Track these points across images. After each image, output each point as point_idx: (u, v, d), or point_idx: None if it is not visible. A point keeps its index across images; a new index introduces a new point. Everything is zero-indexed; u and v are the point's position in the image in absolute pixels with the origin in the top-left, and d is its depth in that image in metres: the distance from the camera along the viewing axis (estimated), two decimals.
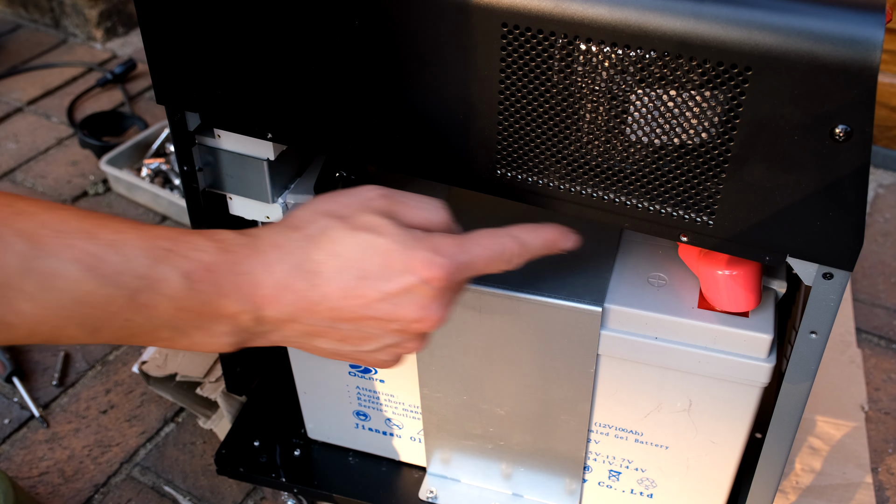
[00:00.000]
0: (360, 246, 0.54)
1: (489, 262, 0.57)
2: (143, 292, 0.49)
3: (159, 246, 0.51)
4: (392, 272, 0.53)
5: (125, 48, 1.84)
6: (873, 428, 1.03)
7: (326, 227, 0.54)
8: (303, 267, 0.53)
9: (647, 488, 0.81)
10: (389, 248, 0.54)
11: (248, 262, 0.53)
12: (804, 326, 0.61)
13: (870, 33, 0.48)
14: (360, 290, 0.53)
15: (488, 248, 0.57)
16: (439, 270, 0.54)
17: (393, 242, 0.54)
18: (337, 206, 0.56)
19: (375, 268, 0.53)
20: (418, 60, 0.59)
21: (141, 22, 0.66)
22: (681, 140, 0.56)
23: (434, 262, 0.54)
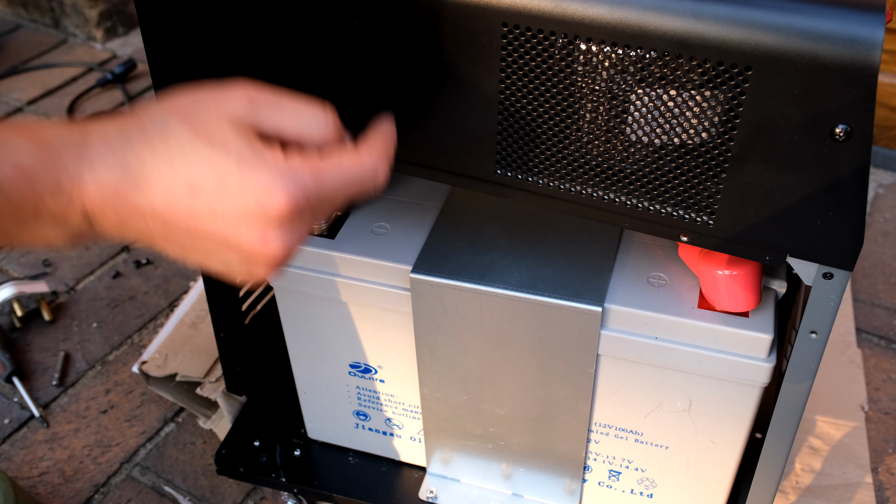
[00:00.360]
0: (197, 156, 0.48)
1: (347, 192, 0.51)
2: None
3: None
4: (226, 193, 0.48)
5: (125, 48, 1.84)
6: (873, 428, 1.03)
7: (167, 128, 0.49)
8: (130, 168, 0.48)
9: (647, 488, 0.81)
10: (227, 167, 0.48)
11: (71, 158, 0.48)
12: (804, 326, 0.61)
13: (870, 33, 0.48)
14: (189, 205, 0.48)
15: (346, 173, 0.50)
16: (281, 199, 0.47)
17: (232, 160, 0.48)
18: (192, 103, 0.50)
19: (209, 184, 0.48)
20: (418, 60, 0.59)
21: (141, 21, 0.66)
22: (681, 140, 0.56)
23: (275, 189, 0.47)
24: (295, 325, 0.82)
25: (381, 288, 0.74)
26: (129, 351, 1.15)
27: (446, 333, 0.75)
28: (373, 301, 0.75)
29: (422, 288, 0.72)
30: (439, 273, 0.71)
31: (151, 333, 1.17)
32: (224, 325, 0.87)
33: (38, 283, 1.20)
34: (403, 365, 0.80)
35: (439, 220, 0.76)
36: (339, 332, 0.80)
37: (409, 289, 0.73)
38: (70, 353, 1.15)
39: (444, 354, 0.76)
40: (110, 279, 1.26)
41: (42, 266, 1.29)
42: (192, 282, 1.24)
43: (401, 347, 0.78)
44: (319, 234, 0.75)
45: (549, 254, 0.72)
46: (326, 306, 0.78)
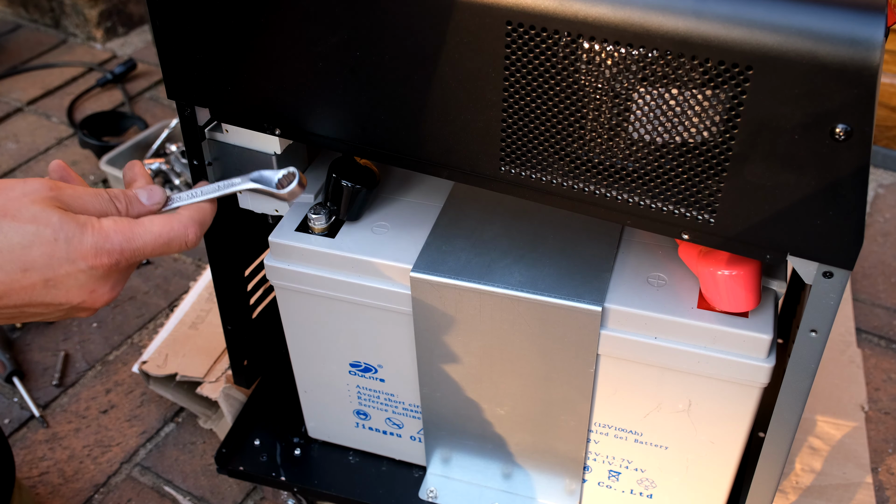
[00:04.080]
0: (26, 238, 0.55)
1: (159, 249, 0.60)
2: None
3: None
4: (57, 261, 0.55)
5: (125, 48, 1.84)
6: (873, 428, 1.03)
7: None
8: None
9: (646, 488, 0.81)
10: (56, 238, 0.55)
11: None
12: (804, 325, 0.61)
13: (870, 33, 0.49)
14: (23, 281, 0.55)
15: (158, 237, 0.59)
16: (105, 258, 0.56)
17: (58, 232, 0.55)
18: (3, 199, 0.56)
19: (40, 258, 0.55)
20: (423, 58, 0.60)
21: (152, 18, 0.67)
22: (682, 138, 0.56)
23: (101, 249, 0.56)
24: (295, 324, 0.82)
25: (381, 287, 0.74)
26: (129, 351, 1.15)
27: (446, 333, 0.75)
28: (373, 300, 0.75)
29: (422, 287, 0.72)
30: (439, 272, 0.71)
31: (151, 333, 1.17)
32: (232, 319, 0.87)
33: None
34: (403, 364, 0.80)
35: (439, 220, 0.76)
36: (339, 332, 0.80)
37: (409, 288, 0.73)
38: (70, 353, 1.15)
39: (444, 354, 0.76)
40: None
41: None
42: (191, 282, 1.24)
43: (401, 347, 0.79)
44: (320, 233, 0.75)
45: (549, 254, 0.72)
46: (327, 305, 0.78)
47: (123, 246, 0.57)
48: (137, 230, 0.58)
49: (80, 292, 0.57)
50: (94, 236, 0.56)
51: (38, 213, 0.56)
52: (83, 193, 0.59)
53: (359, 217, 0.77)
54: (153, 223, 0.59)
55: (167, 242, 0.60)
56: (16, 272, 0.55)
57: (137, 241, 0.58)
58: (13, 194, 0.56)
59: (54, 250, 0.55)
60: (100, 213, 0.59)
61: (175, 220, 0.60)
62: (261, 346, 0.95)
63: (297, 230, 0.76)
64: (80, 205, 0.58)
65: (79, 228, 0.56)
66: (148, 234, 0.59)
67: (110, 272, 0.58)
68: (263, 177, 0.65)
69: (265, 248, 0.83)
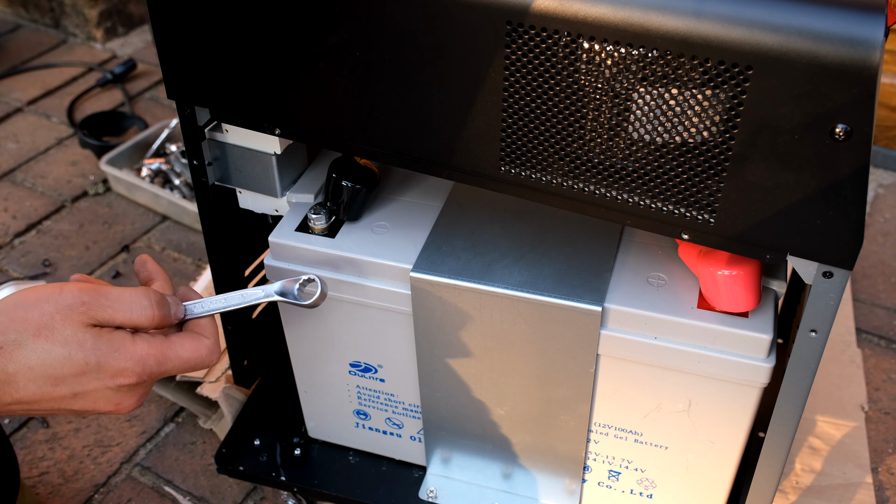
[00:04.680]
0: (57, 360, 0.58)
1: (183, 371, 0.63)
2: None
3: None
4: (87, 379, 0.59)
5: (125, 48, 1.84)
6: (873, 428, 1.03)
7: (21, 341, 0.58)
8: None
9: (646, 488, 0.81)
10: (87, 361, 0.58)
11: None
12: (804, 325, 0.61)
13: (870, 33, 0.49)
14: (53, 392, 0.59)
15: (186, 362, 0.62)
16: (134, 378, 0.60)
17: (91, 356, 0.58)
18: (37, 314, 0.58)
19: (70, 376, 0.59)
20: (424, 58, 0.60)
21: (152, 17, 0.67)
22: (682, 138, 0.56)
23: (129, 371, 0.59)
24: (295, 325, 0.82)
25: (381, 287, 0.74)
26: None
27: (446, 333, 0.75)
28: (373, 300, 0.75)
29: (422, 287, 0.72)
30: (439, 272, 0.71)
31: None
32: (232, 319, 0.87)
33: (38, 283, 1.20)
34: (403, 364, 0.80)
35: (439, 220, 0.76)
36: (339, 332, 0.80)
37: (409, 288, 0.73)
38: None
39: (444, 354, 0.76)
40: (110, 279, 1.26)
41: (42, 266, 1.29)
42: (191, 282, 1.24)
43: (401, 347, 0.79)
44: (320, 233, 0.75)
45: (549, 254, 0.72)
46: (327, 305, 0.78)
47: (153, 369, 0.61)
48: (169, 354, 0.61)
49: (106, 404, 0.61)
50: (128, 360, 0.59)
51: (70, 336, 0.58)
52: (114, 303, 0.60)
53: (359, 217, 0.77)
54: (184, 348, 0.62)
55: (192, 367, 0.63)
56: (47, 385, 0.58)
57: (167, 365, 0.61)
58: (47, 309, 0.59)
59: (85, 371, 0.59)
60: (127, 322, 0.60)
61: (202, 346, 0.63)
62: (261, 346, 0.95)
63: (297, 230, 0.76)
64: (110, 317, 0.60)
65: (112, 351, 0.59)
66: (178, 359, 0.62)
67: (137, 387, 0.61)
68: (286, 289, 0.68)
69: (265, 248, 0.83)
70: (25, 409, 0.60)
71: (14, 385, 0.58)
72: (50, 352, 0.58)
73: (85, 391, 0.59)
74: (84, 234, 1.35)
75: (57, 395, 0.59)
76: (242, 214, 0.82)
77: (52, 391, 0.59)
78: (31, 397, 0.59)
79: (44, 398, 0.59)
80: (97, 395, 0.60)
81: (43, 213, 1.39)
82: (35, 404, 0.59)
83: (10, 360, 0.58)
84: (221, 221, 0.81)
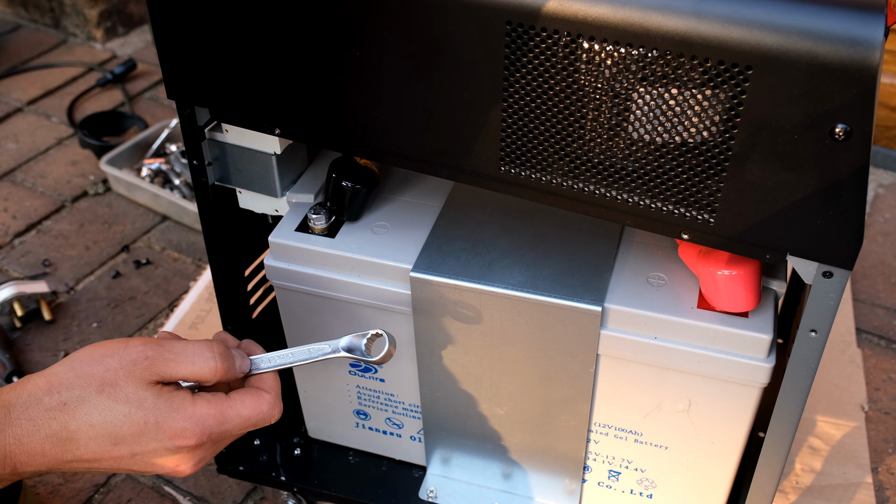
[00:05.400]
0: (118, 418, 0.58)
1: (245, 430, 0.62)
2: None
3: None
4: (146, 439, 0.59)
5: (125, 48, 1.84)
6: (873, 428, 1.03)
7: (85, 396, 0.58)
8: (57, 436, 0.58)
9: (646, 488, 0.81)
10: (146, 421, 0.58)
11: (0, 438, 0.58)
12: (804, 325, 0.61)
13: (870, 33, 0.49)
14: (113, 452, 0.59)
15: (247, 420, 0.62)
16: (193, 440, 0.59)
17: (150, 415, 0.58)
18: (101, 370, 0.59)
19: (129, 436, 0.58)
20: (423, 58, 0.60)
21: (152, 17, 0.67)
22: (682, 138, 0.56)
23: (187, 432, 0.59)
24: (295, 324, 0.82)
25: (381, 287, 0.74)
26: None
27: (446, 333, 0.75)
28: (373, 300, 0.75)
29: (422, 287, 0.72)
30: (439, 272, 0.71)
31: (151, 333, 1.17)
32: (232, 319, 0.87)
33: (38, 283, 1.20)
34: (403, 364, 0.80)
35: (439, 220, 0.76)
36: (339, 331, 0.80)
37: (409, 288, 0.73)
38: (70, 352, 1.15)
39: (444, 354, 0.76)
40: (110, 279, 1.26)
41: (42, 266, 1.29)
42: (191, 282, 1.24)
43: (401, 347, 0.79)
44: (320, 233, 0.75)
45: (548, 254, 0.72)
46: (327, 305, 0.78)
47: (213, 430, 0.60)
48: (229, 413, 0.61)
49: (165, 465, 0.61)
50: (186, 421, 0.59)
51: (131, 394, 0.58)
52: (178, 357, 0.60)
53: (359, 217, 0.77)
54: (244, 405, 0.61)
55: (254, 424, 0.62)
56: (107, 444, 0.58)
57: (228, 425, 0.60)
58: (112, 364, 0.59)
59: (144, 431, 0.58)
60: (192, 377, 0.60)
61: (263, 402, 0.62)
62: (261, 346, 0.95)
63: (297, 230, 0.76)
64: (174, 371, 0.60)
65: (171, 411, 0.59)
66: (238, 418, 0.61)
67: (196, 450, 0.61)
68: (353, 344, 0.67)
69: (265, 248, 0.83)
70: (86, 467, 0.60)
71: (75, 443, 0.58)
72: (111, 409, 0.58)
73: (143, 451, 0.59)
74: (84, 234, 1.35)
75: (116, 454, 0.59)
76: (242, 214, 0.82)
77: (112, 450, 0.59)
78: (91, 455, 0.59)
79: (103, 457, 0.59)
80: (156, 456, 0.60)
81: (43, 213, 1.39)
82: (95, 462, 0.59)
83: (73, 417, 0.58)
84: (221, 221, 0.81)
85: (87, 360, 0.59)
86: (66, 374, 0.59)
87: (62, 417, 0.58)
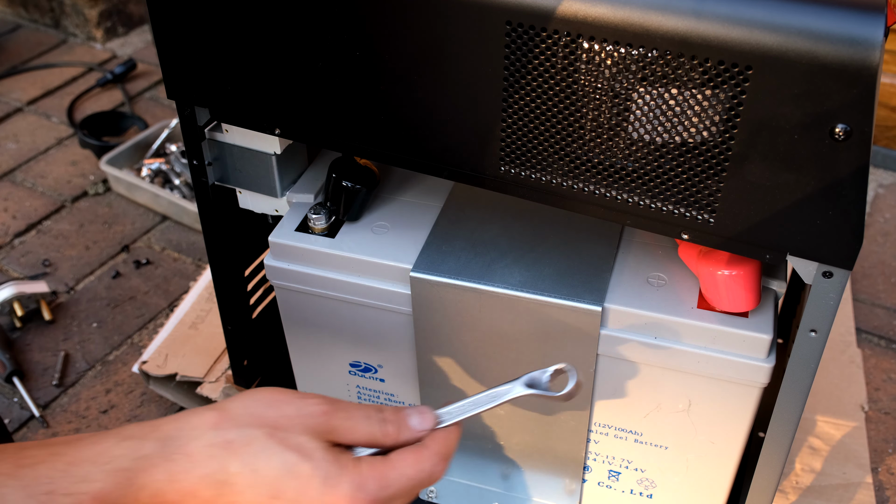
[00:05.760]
0: (283, 466, 0.53)
1: (409, 494, 0.57)
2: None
3: (40, 492, 0.50)
4: (307, 498, 0.53)
5: (125, 48, 1.84)
6: (873, 428, 1.03)
7: (253, 438, 0.54)
8: (214, 476, 0.53)
9: (646, 488, 0.81)
10: (311, 476, 0.53)
11: (149, 475, 0.52)
12: (804, 325, 0.61)
13: (870, 33, 0.49)
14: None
15: (411, 480, 0.56)
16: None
17: (316, 470, 0.53)
18: (276, 415, 0.55)
19: (291, 492, 0.53)
20: (424, 58, 0.60)
21: (152, 17, 0.67)
22: (682, 138, 0.56)
23: (356, 498, 0.54)
24: (295, 324, 0.82)
25: (381, 287, 0.74)
26: (129, 351, 1.15)
27: (446, 333, 0.75)
28: (373, 300, 0.75)
29: (422, 287, 0.72)
30: (439, 272, 0.71)
31: (151, 333, 1.17)
32: (232, 319, 0.87)
33: (38, 283, 1.20)
34: (403, 364, 0.80)
35: (439, 220, 0.76)
36: (339, 332, 0.80)
37: (409, 288, 0.73)
38: (70, 353, 1.15)
39: (444, 354, 0.76)
40: (110, 279, 1.26)
41: (42, 266, 1.29)
42: (191, 282, 1.24)
43: (401, 347, 0.79)
44: (320, 233, 0.75)
45: (549, 254, 0.72)
46: (327, 305, 0.78)
47: (377, 494, 0.55)
48: (392, 475, 0.55)
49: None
50: (350, 483, 0.54)
51: (303, 444, 0.54)
52: (354, 414, 0.57)
53: (359, 217, 0.77)
54: (406, 465, 0.56)
55: (418, 485, 0.57)
56: (264, 497, 0.53)
57: (391, 489, 0.55)
58: (288, 411, 0.55)
59: (307, 487, 0.53)
60: (367, 437, 0.56)
61: (426, 459, 0.57)
62: (261, 346, 0.95)
63: (297, 230, 0.76)
64: (349, 428, 0.56)
65: (337, 470, 0.54)
66: (402, 479, 0.56)
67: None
68: (534, 379, 0.62)
69: (265, 248, 0.83)
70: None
71: (231, 487, 0.53)
72: (278, 456, 0.53)
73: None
74: (84, 234, 1.35)
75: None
76: (242, 214, 0.82)
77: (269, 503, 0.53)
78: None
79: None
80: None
81: (43, 213, 1.39)
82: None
83: (236, 458, 0.53)
84: (221, 221, 0.81)
85: (263, 403, 0.56)
86: (237, 410, 0.55)
87: (224, 457, 0.53)
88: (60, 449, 0.52)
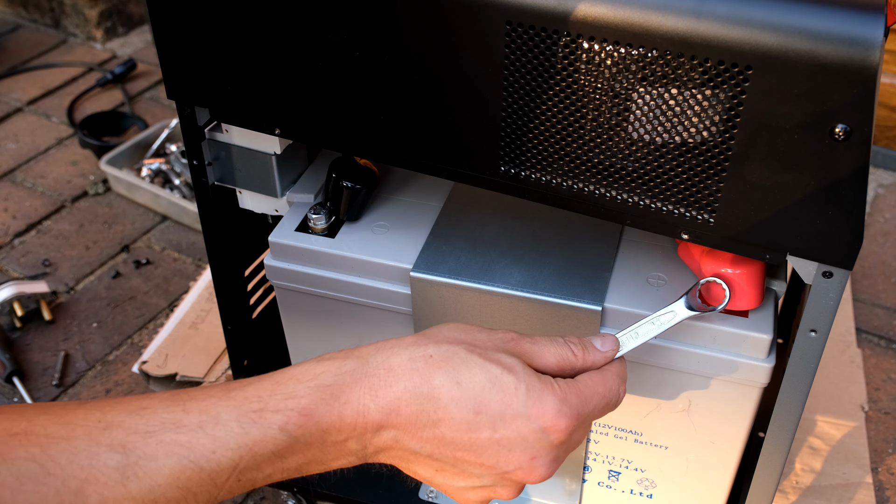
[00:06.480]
0: (487, 378, 0.52)
1: (601, 412, 0.56)
2: (244, 458, 0.50)
3: (249, 409, 0.51)
4: (511, 414, 0.52)
5: (125, 48, 1.84)
6: (873, 428, 1.03)
7: (454, 352, 0.53)
8: (417, 389, 0.52)
9: (646, 488, 0.81)
10: (516, 388, 0.52)
11: (352, 390, 0.52)
12: (804, 325, 0.61)
13: (870, 33, 0.49)
14: (472, 426, 0.52)
15: (603, 397, 0.56)
16: (564, 421, 0.52)
17: (520, 382, 0.52)
18: (469, 336, 0.55)
19: (495, 405, 0.52)
20: (424, 58, 0.60)
21: (152, 17, 0.67)
22: (682, 138, 0.56)
23: (562, 411, 0.52)
24: (295, 324, 0.82)
25: (381, 287, 0.74)
26: (129, 351, 1.15)
27: None
28: (373, 300, 0.75)
29: (422, 287, 0.72)
30: (439, 272, 0.71)
31: (151, 333, 1.17)
32: (232, 319, 0.87)
33: (38, 283, 1.20)
34: None
35: (439, 220, 0.76)
36: (339, 332, 0.80)
37: (409, 288, 0.73)
38: (70, 353, 1.15)
39: None
40: (110, 279, 1.26)
41: (42, 266, 1.29)
42: (191, 282, 1.24)
43: None
44: (320, 233, 0.76)
45: (549, 254, 0.72)
46: (327, 305, 0.78)
47: (580, 409, 0.54)
48: (587, 392, 0.55)
49: (520, 456, 0.53)
50: (554, 396, 0.53)
51: (503, 358, 0.53)
52: (540, 340, 0.57)
53: (359, 217, 0.77)
54: (596, 384, 0.56)
55: (608, 405, 0.56)
56: (468, 410, 0.52)
57: (590, 405, 0.54)
58: (480, 337, 0.55)
59: (513, 400, 0.52)
60: (557, 359, 0.56)
61: (611, 379, 0.57)
62: (261, 346, 0.95)
63: (297, 230, 0.76)
64: (538, 351, 0.56)
65: (540, 384, 0.53)
66: (595, 395, 0.55)
67: (560, 443, 0.53)
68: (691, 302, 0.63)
69: (265, 248, 0.83)
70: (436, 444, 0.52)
71: (436, 401, 0.52)
72: (482, 367, 0.52)
73: (505, 429, 0.52)
74: (84, 234, 1.35)
75: (475, 431, 0.52)
76: (242, 214, 0.82)
77: (473, 423, 0.52)
78: (449, 423, 0.52)
79: (461, 430, 0.52)
80: (515, 440, 0.52)
81: (43, 213, 1.39)
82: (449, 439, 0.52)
83: (439, 371, 0.52)
84: (221, 221, 0.81)
85: (456, 329, 0.56)
86: (433, 333, 0.55)
87: (426, 370, 0.52)
88: (265, 375, 0.54)
